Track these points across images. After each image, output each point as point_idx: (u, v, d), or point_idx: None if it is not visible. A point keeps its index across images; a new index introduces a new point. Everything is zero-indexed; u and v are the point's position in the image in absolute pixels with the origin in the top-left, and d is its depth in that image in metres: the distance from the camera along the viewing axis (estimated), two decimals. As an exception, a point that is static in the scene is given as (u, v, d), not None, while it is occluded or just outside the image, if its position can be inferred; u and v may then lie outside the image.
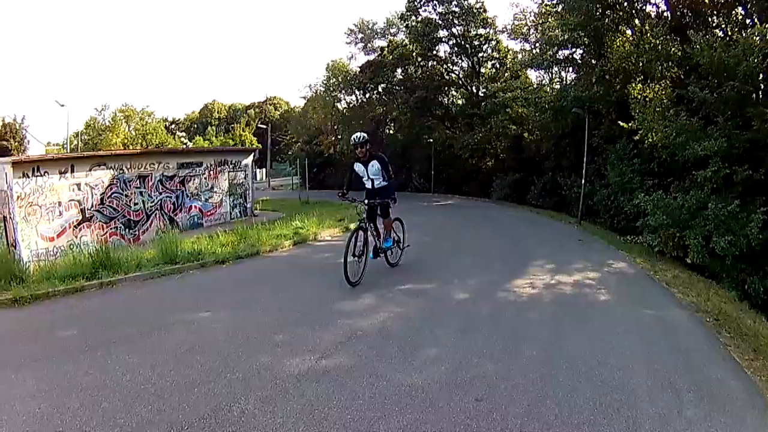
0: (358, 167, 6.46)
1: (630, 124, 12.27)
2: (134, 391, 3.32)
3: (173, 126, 59.99)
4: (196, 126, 61.01)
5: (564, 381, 3.33)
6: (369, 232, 6.28)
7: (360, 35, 32.74)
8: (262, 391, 3.23)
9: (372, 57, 31.35)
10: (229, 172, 15.82)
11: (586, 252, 9.08)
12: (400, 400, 3.05)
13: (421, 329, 4.43)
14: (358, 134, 6.37)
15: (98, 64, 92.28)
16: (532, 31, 23.90)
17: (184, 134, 59.64)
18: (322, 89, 35.30)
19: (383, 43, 31.74)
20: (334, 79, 33.78)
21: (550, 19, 19.97)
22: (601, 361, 3.72)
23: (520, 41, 25.64)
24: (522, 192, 19.73)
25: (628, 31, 16.16)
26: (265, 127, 45.21)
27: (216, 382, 3.38)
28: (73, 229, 11.52)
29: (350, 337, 4.18)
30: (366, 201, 6.35)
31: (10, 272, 6.83)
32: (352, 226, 12.42)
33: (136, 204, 12.87)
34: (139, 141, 42.57)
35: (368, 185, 6.53)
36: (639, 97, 12.55)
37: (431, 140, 25.35)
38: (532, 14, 23.68)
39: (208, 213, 14.94)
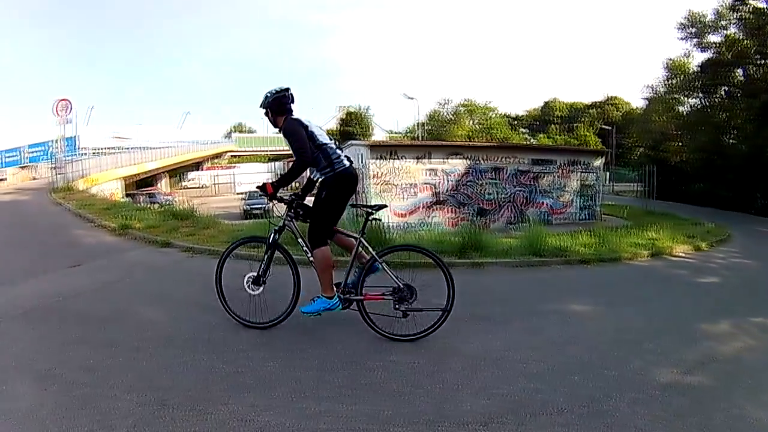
0: None
1: None
2: (509, 368, 3.59)
3: (515, 122, 62.15)
4: (537, 123, 62.57)
5: None
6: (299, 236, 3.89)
7: (692, 29, 28.41)
8: (633, 392, 3.39)
9: (708, 54, 27.87)
10: (580, 172, 15.50)
11: None
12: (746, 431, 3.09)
13: (770, 367, 4.42)
14: (268, 91, 3.90)
15: (441, 60, 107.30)
16: None
17: (526, 130, 61.33)
18: (663, 90, 32.45)
19: (717, 38, 27.48)
20: (675, 79, 30.88)
21: None
22: None
23: None
24: None
25: None
26: (608, 128, 44.18)
27: (592, 374, 3.61)
28: (425, 210, 12.71)
29: (710, 359, 4.28)
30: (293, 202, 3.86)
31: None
32: (704, 245, 10.75)
33: (489, 194, 13.52)
34: (483, 135, 44.17)
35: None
36: None
37: None
38: None
39: (558, 211, 14.96)
